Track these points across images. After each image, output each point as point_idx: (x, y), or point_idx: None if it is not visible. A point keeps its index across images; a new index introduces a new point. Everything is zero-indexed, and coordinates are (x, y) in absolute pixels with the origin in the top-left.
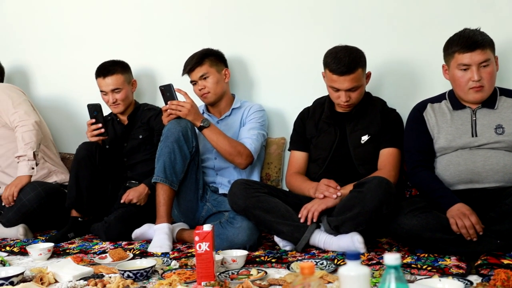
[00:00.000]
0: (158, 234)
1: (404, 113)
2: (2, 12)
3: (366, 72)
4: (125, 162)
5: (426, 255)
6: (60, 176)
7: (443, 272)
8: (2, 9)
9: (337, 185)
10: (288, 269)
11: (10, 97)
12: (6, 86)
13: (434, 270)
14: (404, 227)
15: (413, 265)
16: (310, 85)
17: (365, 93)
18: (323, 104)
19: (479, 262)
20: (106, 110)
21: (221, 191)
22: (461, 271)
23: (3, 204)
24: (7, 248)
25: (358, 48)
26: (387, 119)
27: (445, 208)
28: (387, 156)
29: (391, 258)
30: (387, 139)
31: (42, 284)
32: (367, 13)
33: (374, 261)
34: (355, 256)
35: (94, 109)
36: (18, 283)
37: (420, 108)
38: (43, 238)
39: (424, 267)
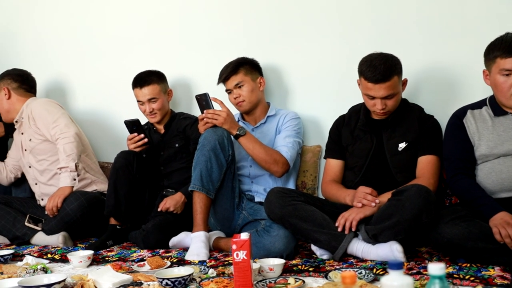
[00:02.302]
0: (195, 242)
1: (442, 120)
2: (40, 27)
3: (402, 79)
4: (161, 170)
5: (468, 265)
6: (100, 185)
7: (487, 283)
8: (41, 24)
9: (376, 192)
10: (326, 278)
11: (49, 111)
12: (44, 102)
13: (477, 281)
14: (445, 236)
15: (455, 275)
16: (345, 93)
17: (402, 100)
18: (358, 112)
19: None
20: (143, 120)
21: (257, 199)
22: (505, 281)
23: (46, 212)
24: (49, 256)
25: (393, 55)
26: (424, 126)
27: (487, 217)
28: (425, 164)
29: (436, 268)
30: (425, 146)
31: None
32: (403, 19)
33: (414, 271)
34: (397, 265)
35: (133, 125)
36: None
37: (459, 114)
38: (83, 246)
39: (467, 277)
